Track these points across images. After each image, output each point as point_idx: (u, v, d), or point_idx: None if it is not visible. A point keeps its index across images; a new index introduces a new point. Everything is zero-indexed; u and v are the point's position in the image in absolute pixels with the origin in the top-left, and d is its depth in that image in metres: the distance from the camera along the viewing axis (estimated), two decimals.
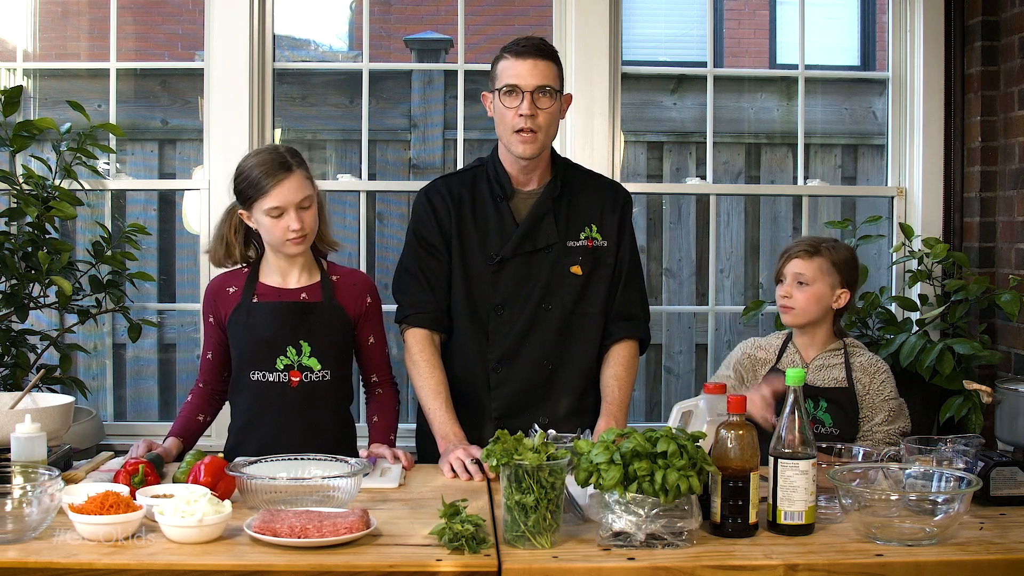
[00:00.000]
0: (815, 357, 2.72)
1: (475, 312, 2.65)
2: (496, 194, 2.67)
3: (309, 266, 2.60)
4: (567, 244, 2.66)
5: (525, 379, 2.64)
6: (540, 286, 2.64)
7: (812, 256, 2.71)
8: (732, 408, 1.94)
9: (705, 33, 3.94)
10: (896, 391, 2.71)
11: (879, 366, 2.72)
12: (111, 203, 3.68)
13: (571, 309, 2.66)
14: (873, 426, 2.65)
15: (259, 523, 1.83)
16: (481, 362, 2.65)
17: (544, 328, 2.64)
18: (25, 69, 3.81)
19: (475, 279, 2.65)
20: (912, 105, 3.79)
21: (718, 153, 4.05)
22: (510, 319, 2.64)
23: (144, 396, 4.12)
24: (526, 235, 2.64)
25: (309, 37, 4.49)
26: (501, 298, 2.64)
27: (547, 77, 2.55)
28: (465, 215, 2.67)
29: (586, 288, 2.67)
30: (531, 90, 2.53)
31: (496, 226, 2.65)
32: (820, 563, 1.78)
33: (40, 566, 1.72)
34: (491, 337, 2.65)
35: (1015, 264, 3.52)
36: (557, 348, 2.65)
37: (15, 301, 3.15)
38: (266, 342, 2.51)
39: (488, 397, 2.65)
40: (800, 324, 2.72)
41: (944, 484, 1.98)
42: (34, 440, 2.07)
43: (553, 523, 1.83)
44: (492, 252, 2.64)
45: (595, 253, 2.68)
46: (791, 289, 2.71)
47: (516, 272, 2.64)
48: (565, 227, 2.66)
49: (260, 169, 2.46)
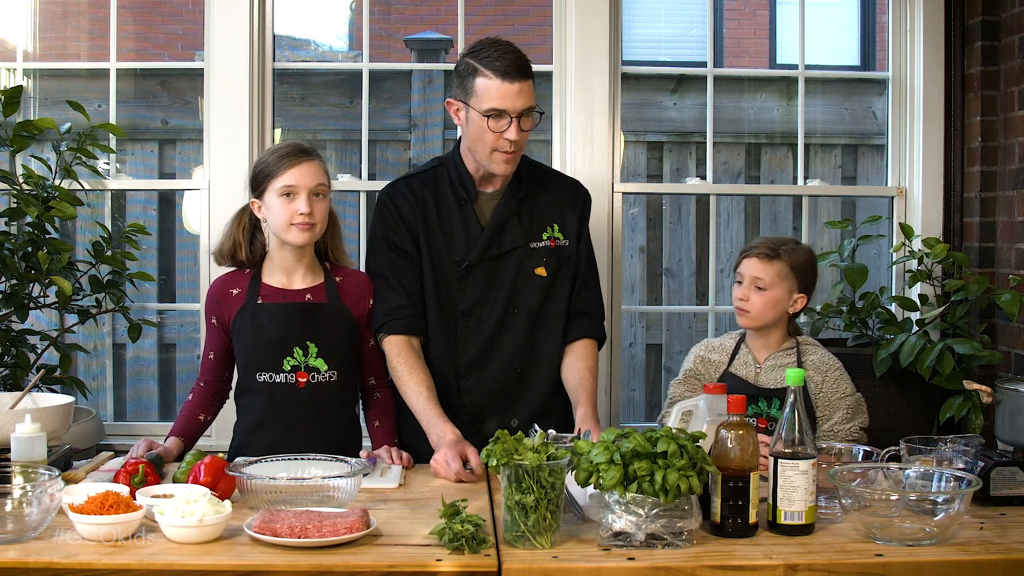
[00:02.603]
0: (767, 357, 2.71)
1: (443, 316, 2.63)
2: (460, 196, 2.64)
3: (313, 267, 2.60)
4: (530, 245, 2.64)
5: (495, 382, 2.64)
6: (506, 289, 2.62)
7: (771, 260, 2.68)
8: (732, 408, 1.94)
9: (705, 33, 3.94)
10: (852, 387, 2.69)
11: (831, 363, 2.71)
12: (111, 203, 3.68)
13: (537, 311, 2.65)
14: (832, 425, 2.63)
15: (259, 523, 1.83)
16: (451, 366, 2.64)
17: (512, 331, 2.63)
18: (25, 69, 3.81)
19: (443, 283, 2.63)
20: (912, 105, 3.78)
21: (718, 153, 4.05)
22: (478, 324, 2.62)
23: (144, 396, 4.13)
24: (492, 239, 2.62)
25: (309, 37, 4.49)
26: (468, 304, 2.62)
27: (531, 97, 2.51)
28: (430, 218, 2.64)
29: (551, 288, 2.66)
30: (518, 114, 2.50)
31: (461, 229, 2.63)
32: (820, 563, 1.78)
33: (40, 566, 1.72)
34: (459, 343, 2.63)
35: (1015, 264, 3.52)
36: (525, 350, 2.65)
37: (15, 301, 3.15)
38: (273, 343, 2.51)
39: (459, 401, 2.64)
40: (755, 327, 2.71)
41: (944, 484, 1.98)
42: (34, 440, 2.07)
43: (553, 523, 1.83)
44: (458, 257, 2.61)
45: (558, 253, 2.67)
46: (748, 292, 2.68)
47: (482, 276, 2.62)
48: (528, 228, 2.65)
49: (278, 153, 2.50)
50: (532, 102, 2.52)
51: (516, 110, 2.49)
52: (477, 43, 2.56)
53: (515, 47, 2.54)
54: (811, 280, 2.75)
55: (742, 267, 2.72)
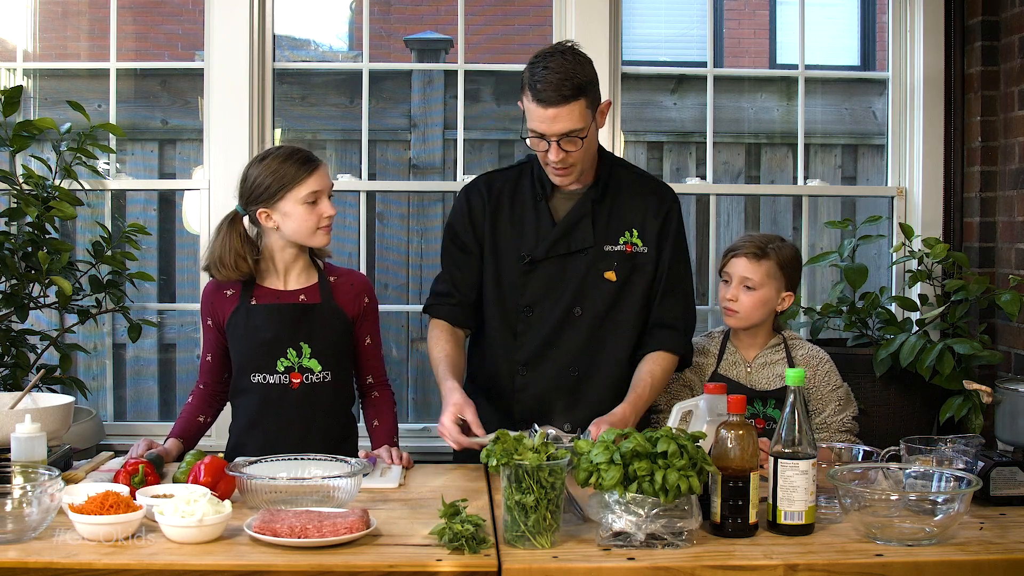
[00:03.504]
0: (756, 356, 2.71)
1: (505, 312, 2.60)
2: (536, 192, 2.60)
3: (307, 267, 2.60)
4: (604, 248, 2.57)
5: (550, 384, 2.57)
6: (571, 290, 2.56)
7: (760, 259, 2.67)
8: (732, 408, 1.94)
9: (705, 33, 3.94)
10: (840, 378, 2.70)
11: (820, 356, 2.71)
12: (111, 203, 3.68)
13: (603, 316, 2.57)
14: (825, 418, 2.65)
15: (259, 523, 1.83)
16: (508, 363, 2.60)
17: (573, 333, 2.56)
18: (25, 69, 3.81)
19: (506, 279, 2.60)
20: (912, 105, 3.79)
21: (718, 153, 4.05)
22: (538, 321, 2.57)
23: (144, 396, 4.12)
24: (561, 237, 2.56)
25: (309, 37, 4.49)
26: (530, 299, 2.58)
27: (572, 121, 2.39)
28: (502, 213, 2.61)
29: (620, 295, 2.57)
30: (556, 139, 2.42)
31: (533, 225, 2.59)
32: (820, 563, 1.78)
33: (40, 566, 1.72)
34: (519, 338, 2.59)
35: (1015, 264, 3.52)
36: (585, 355, 2.57)
37: (15, 301, 3.15)
38: (266, 344, 2.51)
39: (513, 399, 2.60)
40: (743, 327, 2.71)
41: (944, 484, 1.98)
42: (34, 440, 2.07)
43: (553, 523, 1.83)
44: (526, 252, 2.58)
45: (633, 259, 2.58)
46: (737, 292, 2.67)
47: (547, 274, 2.57)
48: (604, 230, 2.58)
49: (291, 161, 2.49)
50: (573, 125, 2.39)
51: (553, 134, 2.41)
52: (543, 49, 2.46)
53: (568, 61, 2.40)
54: (797, 277, 2.76)
55: (729, 267, 2.71)
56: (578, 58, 2.43)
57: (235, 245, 2.53)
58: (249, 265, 2.54)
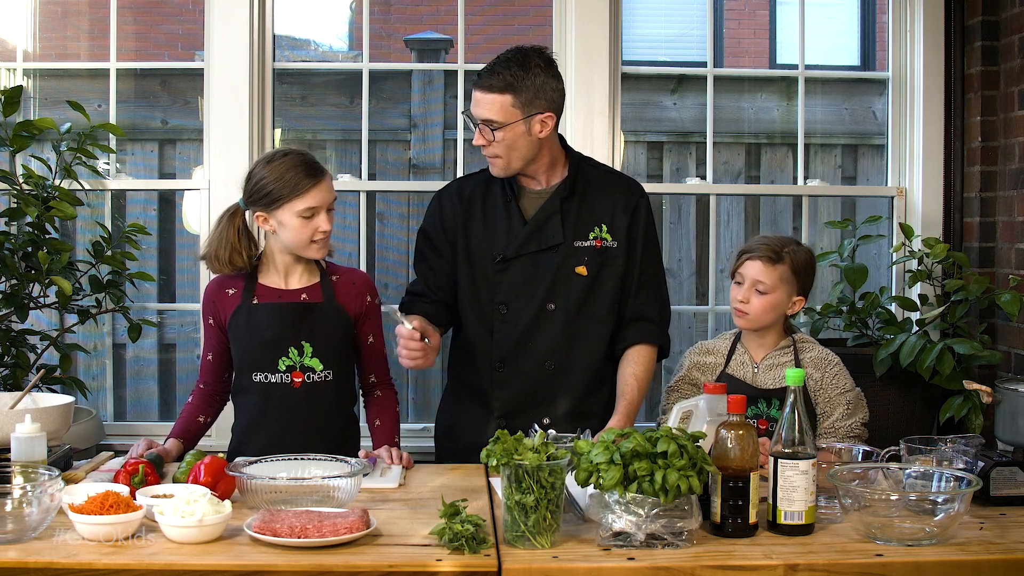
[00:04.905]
0: (764, 357, 2.70)
1: (480, 311, 2.66)
2: (507, 194, 2.67)
3: (309, 267, 2.60)
4: (574, 244, 2.64)
5: (527, 379, 2.64)
6: (544, 286, 2.62)
7: (774, 263, 2.64)
8: (732, 408, 1.94)
9: (705, 33, 3.94)
10: (851, 382, 2.68)
11: (830, 359, 2.70)
12: (111, 203, 3.68)
13: (575, 310, 2.63)
14: (833, 422, 2.62)
15: (259, 523, 1.83)
16: (485, 361, 2.66)
17: (547, 328, 2.63)
18: (25, 69, 3.81)
19: (480, 278, 2.65)
20: (912, 105, 3.79)
21: (718, 153, 4.05)
22: (513, 318, 2.63)
23: (144, 396, 4.12)
24: (531, 235, 2.63)
25: (309, 37, 4.48)
26: (504, 297, 2.63)
27: (491, 111, 2.53)
28: (474, 214, 2.68)
29: (592, 289, 2.64)
30: (479, 122, 2.56)
31: (504, 225, 2.65)
32: (820, 563, 1.78)
33: (40, 566, 1.72)
34: (494, 336, 2.64)
35: (1015, 264, 3.52)
36: (560, 349, 2.63)
37: (15, 301, 3.15)
38: (268, 343, 2.51)
39: (492, 395, 2.65)
40: (753, 329, 2.70)
41: (944, 484, 1.98)
42: (34, 440, 2.07)
43: (553, 523, 1.83)
44: (498, 252, 2.64)
45: (603, 254, 2.65)
46: (749, 294, 2.66)
47: (520, 272, 2.63)
48: (574, 227, 2.64)
49: (296, 171, 2.47)
50: (491, 115, 2.53)
51: (477, 118, 2.56)
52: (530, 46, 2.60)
53: (518, 61, 2.54)
54: (810, 282, 2.74)
55: (744, 269, 2.69)
56: (532, 63, 2.54)
57: (231, 239, 2.54)
58: (244, 260, 2.55)
